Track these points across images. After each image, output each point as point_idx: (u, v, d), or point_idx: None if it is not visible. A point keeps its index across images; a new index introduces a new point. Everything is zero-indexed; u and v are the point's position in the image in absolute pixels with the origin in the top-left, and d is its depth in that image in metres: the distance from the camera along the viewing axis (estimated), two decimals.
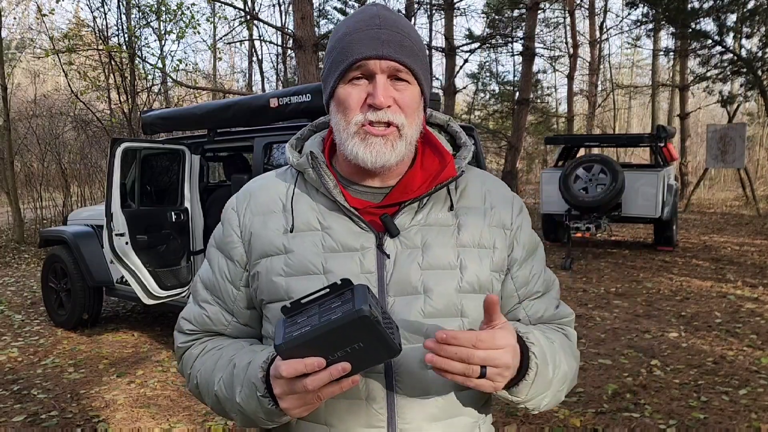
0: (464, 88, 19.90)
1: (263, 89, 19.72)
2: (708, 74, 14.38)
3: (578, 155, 9.47)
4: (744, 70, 12.99)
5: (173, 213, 4.56)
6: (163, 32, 12.56)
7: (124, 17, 12.07)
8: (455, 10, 15.75)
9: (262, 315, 1.01)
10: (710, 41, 13.09)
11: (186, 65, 15.53)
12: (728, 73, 13.81)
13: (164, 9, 11.79)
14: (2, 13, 10.58)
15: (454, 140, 1.06)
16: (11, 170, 10.28)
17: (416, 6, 15.88)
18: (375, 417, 0.90)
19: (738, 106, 15.01)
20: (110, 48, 10.48)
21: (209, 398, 0.97)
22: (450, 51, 14.96)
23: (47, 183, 12.80)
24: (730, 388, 3.64)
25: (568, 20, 18.29)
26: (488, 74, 22.42)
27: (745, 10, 12.40)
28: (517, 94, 15.14)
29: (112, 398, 3.73)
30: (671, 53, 18.27)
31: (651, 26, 15.00)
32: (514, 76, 21.18)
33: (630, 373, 3.94)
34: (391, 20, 0.92)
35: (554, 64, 21.97)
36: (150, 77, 12.47)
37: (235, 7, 10.50)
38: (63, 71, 11.32)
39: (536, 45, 14.80)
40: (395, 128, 0.91)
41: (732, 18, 12.89)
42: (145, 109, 7.34)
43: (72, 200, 12.12)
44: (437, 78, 17.11)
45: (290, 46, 11.60)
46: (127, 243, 4.24)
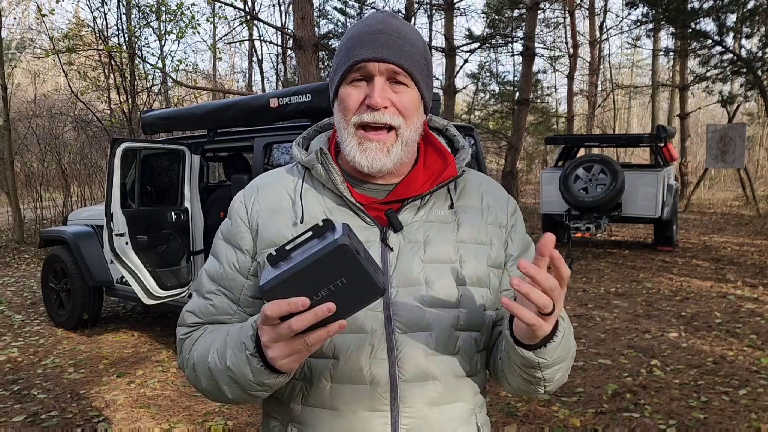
0: (464, 88, 19.90)
1: (263, 89, 19.72)
2: (708, 74, 14.38)
3: (578, 155, 9.47)
4: (744, 70, 12.98)
5: (173, 213, 4.56)
6: (163, 32, 12.54)
7: (124, 17, 12.09)
8: (455, 10, 15.73)
9: None
10: (710, 41, 13.09)
11: (186, 65, 15.59)
12: (728, 73, 13.80)
13: (164, 9, 11.80)
14: (2, 13, 10.59)
15: (452, 144, 1.10)
16: (11, 170, 10.28)
17: (416, 6, 15.86)
18: (379, 401, 0.93)
19: (738, 106, 15.00)
20: (110, 48, 10.47)
21: (204, 376, 0.95)
22: (450, 51, 14.95)
23: (47, 183, 12.79)
24: (730, 388, 3.65)
25: (568, 20, 18.29)
26: (488, 74, 22.44)
27: (745, 10, 12.39)
28: (517, 94, 15.14)
29: (112, 398, 3.73)
30: (671, 53, 18.27)
31: (651, 26, 15.00)
32: (514, 76, 21.18)
33: (630, 373, 3.94)
34: (394, 26, 0.96)
35: (554, 64, 22.00)
36: (150, 77, 12.48)
37: (235, 7, 10.51)
38: (63, 71, 11.33)
39: (536, 45, 14.80)
40: (392, 131, 0.94)
41: (732, 18, 12.90)
42: (145, 109, 7.33)
43: (72, 200, 12.12)
44: (437, 78, 17.10)
45: (290, 46, 11.60)
46: (127, 243, 4.25)
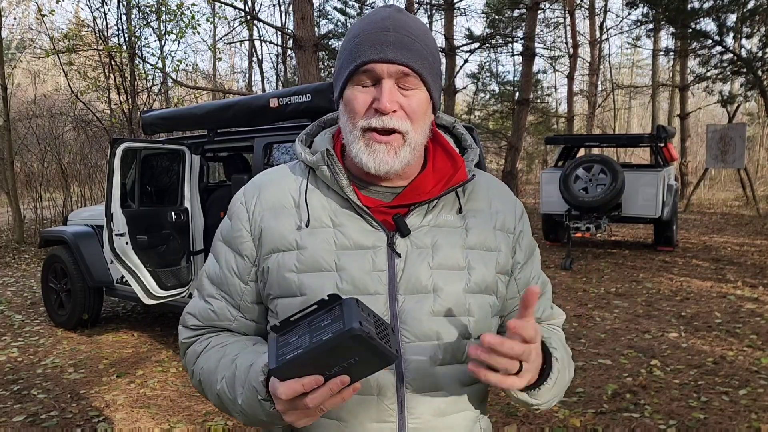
0: (464, 88, 19.90)
1: (263, 89, 19.73)
2: (708, 74, 14.37)
3: (578, 155, 9.46)
4: (744, 70, 12.99)
5: (173, 213, 4.56)
6: (163, 32, 12.54)
7: (124, 17, 12.07)
8: (455, 10, 15.75)
9: (268, 310, 1.01)
10: (710, 41, 13.09)
11: (186, 65, 15.56)
12: (728, 73, 13.80)
13: (164, 9, 11.79)
14: (2, 13, 10.58)
15: (459, 142, 1.06)
16: (11, 170, 10.28)
17: (416, 6, 15.86)
18: (385, 412, 0.92)
19: (738, 106, 14.99)
20: (110, 48, 10.46)
21: (212, 396, 0.97)
22: (450, 51, 14.95)
23: (47, 183, 12.78)
24: (730, 389, 3.65)
25: (568, 20, 18.29)
26: (488, 74, 22.43)
27: (745, 10, 12.39)
28: (517, 94, 15.15)
29: (112, 398, 3.73)
30: (671, 53, 18.27)
31: (651, 26, 15.00)
32: (514, 76, 21.18)
33: (630, 374, 3.94)
34: (402, 22, 0.91)
35: (554, 64, 22.00)
36: (150, 77, 12.46)
37: (235, 7, 10.50)
38: (63, 71, 11.32)
39: (536, 45, 14.79)
40: (399, 135, 0.91)
41: (732, 18, 12.89)
42: (145, 109, 7.33)
43: (72, 200, 12.11)
44: None
45: (290, 46, 11.59)
46: (127, 243, 4.24)
